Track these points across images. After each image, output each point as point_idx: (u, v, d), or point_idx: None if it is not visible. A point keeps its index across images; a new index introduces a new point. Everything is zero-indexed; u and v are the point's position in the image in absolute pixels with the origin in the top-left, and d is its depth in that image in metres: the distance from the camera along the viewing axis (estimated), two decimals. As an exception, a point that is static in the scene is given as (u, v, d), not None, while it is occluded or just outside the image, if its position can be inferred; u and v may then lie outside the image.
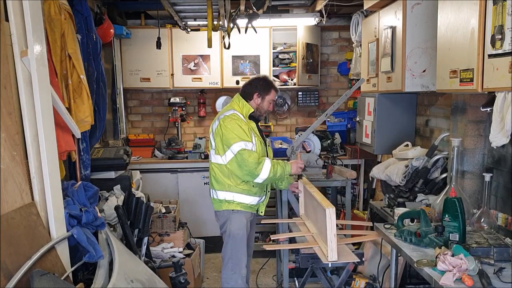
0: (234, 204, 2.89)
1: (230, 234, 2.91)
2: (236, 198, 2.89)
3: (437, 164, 2.84)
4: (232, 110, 2.89)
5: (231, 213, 2.91)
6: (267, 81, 3.02)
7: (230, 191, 2.88)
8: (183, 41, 4.72)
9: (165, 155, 4.81)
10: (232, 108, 2.93)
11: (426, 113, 3.42)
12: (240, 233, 2.90)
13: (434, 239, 2.03)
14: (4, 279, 1.69)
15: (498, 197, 2.34)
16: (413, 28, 2.92)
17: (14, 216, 1.83)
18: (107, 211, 3.02)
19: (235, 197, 2.88)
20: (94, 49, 3.05)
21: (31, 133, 2.00)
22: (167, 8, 3.42)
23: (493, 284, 1.64)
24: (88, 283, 2.10)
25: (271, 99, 2.99)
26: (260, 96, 2.96)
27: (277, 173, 2.80)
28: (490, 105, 2.02)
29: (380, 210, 3.14)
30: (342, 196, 4.53)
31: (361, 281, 3.28)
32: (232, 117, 2.83)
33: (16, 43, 1.95)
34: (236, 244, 2.90)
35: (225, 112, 2.91)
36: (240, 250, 2.91)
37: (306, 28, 4.80)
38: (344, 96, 3.56)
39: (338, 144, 4.80)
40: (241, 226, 2.90)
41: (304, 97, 5.20)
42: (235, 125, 2.78)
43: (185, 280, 2.96)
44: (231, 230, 2.90)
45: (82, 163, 2.94)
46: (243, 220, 2.91)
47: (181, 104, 4.92)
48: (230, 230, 2.91)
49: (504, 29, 1.74)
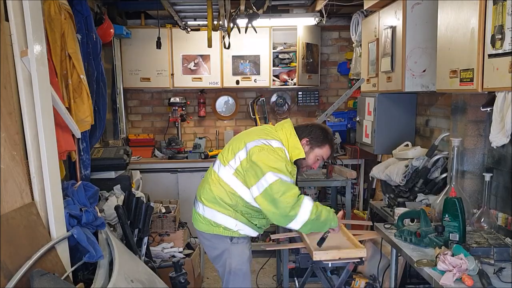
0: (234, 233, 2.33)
1: (230, 271, 2.36)
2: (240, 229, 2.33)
3: (437, 164, 2.84)
4: (280, 143, 2.28)
5: (230, 244, 2.35)
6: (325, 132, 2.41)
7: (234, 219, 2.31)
8: (183, 41, 4.72)
9: (165, 155, 4.81)
10: (279, 138, 2.31)
11: (426, 113, 3.42)
12: (243, 268, 2.36)
13: (434, 239, 2.03)
14: (4, 279, 1.69)
15: (498, 197, 2.34)
16: (413, 28, 2.92)
17: (14, 216, 1.83)
18: (107, 211, 3.02)
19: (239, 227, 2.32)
20: (94, 49, 3.04)
21: (31, 133, 2.00)
22: (167, 8, 3.42)
23: (493, 284, 1.64)
24: (88, 283, 2.10)
25: (320, 155, 2.39)
26: (309, 145, 2.37)
27: (321, 217, 2.19)
28: (490, 105, 2.02)
29: (380, 210, 3.14)
30: (342, 196, 4.53)
31: (361, 281, 3.28)
32: (279, 152, 2.23)
33: (16, 43, 1.95)
34: (239, 282, 2.38)
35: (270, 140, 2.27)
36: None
37: (306, 28, 4.80)
38: (344, 96, 3.57)
39: (338, 144, 4.80)
40: (243, 260, 2.36)
41: (304, 97, 5.19)
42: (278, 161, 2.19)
43: (185, 280, 2.95)
44: (232, 266, 2.35)
45: (82, 163, 2.94)
46: (245, 252, 2.38)
47: (181, 104, 4.93)
48: (230, 266, 2.36)
49: (504, 29, 1.74)
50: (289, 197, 2.11)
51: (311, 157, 2.38)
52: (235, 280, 2.37)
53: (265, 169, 2.15)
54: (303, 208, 2.14)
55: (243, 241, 2.38)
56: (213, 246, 2.40)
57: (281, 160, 2.20)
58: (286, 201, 2.11)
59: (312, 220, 2.16)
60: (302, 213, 2.13)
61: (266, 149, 2.21)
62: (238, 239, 2.36)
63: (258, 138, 2.29)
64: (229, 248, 2.36)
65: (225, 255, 2.37)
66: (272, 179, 2.13)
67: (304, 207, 2.14)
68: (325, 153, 2.41)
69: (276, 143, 2.27)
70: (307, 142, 2.37)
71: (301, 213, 2.13)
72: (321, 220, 2.19)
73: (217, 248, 2.39)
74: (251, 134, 2.39)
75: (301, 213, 2.13)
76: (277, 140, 2.29)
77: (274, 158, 2.19)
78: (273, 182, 2.13)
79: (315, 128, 2.40)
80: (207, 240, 2.42)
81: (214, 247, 2.40)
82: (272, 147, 2.24)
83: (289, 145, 2.31)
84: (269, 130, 2.40)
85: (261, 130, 2.42)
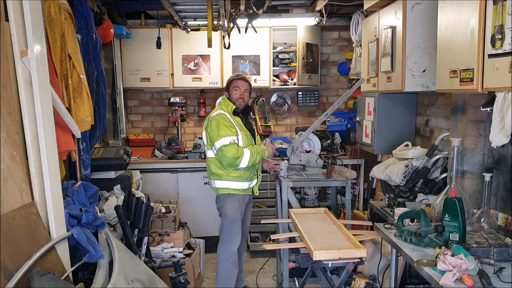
0: (229, 189, 3.31)
1: (224, 215, 3.33)
2: (230, 185, 3.31)
3: (437, 164, 2.84)
4: (219, 110, 3.32)
5: (226, 197, 3.33)
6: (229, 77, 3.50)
7: (223, 180, 3.31)
8: (183, 41, 4.72)
9: (165, 155, 4.81)
10: (220, 108, 3.36)
11: (426, 113, 3.42)
12: (233, 214, 3.30)
13: (434, 239, 2.03)
14: (4, 279, 1.69)
15: (498, 197, 2.34)
16: (413, 28, 2.92)
17: (14, 216, 1.83)
18: (107, 211, 3.02)
19: (229, 184, 3.31)
20: (94, 49, 3.05)
21: (31, 133, 2.00)
22: (167, 8, 3.42)
23: (493, 284, 1.64)
24: (88, 283, 2.10)
25: (232, 86, 3.38)
26: (227, 90, 3.42)
27: (256, 160, 3.25)
28: (490, 105, 2.02)
29: (380, 210, 3.14)
30: (342, 196, 4.53)
31: (361, 281, 3.28)
32: (217, 117, 3.25)
33: (16, 43, 1.95)
34: (229, 224, 3.32)
35: (213, 113, 3.33)
36: (233, 229, 3.32)
37: (306, 28, 4.80)
38: (344, 96, 3.56)
39: (338, 144, 4.80)
40: (234, 208, 3.31)
41: (304, 97, 5.20)
42: (219, 124, 3.19)
43: (185, 280, 2.96)
44: (226, 211, 3.32)
45: (82, 163, 2.94)
46: (236, 204, 3.32)
47: (181, 104, 4.93)
48: (225, 212, 3.33)
49: (504, 29, 1.74)
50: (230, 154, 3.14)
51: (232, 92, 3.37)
52: (226, 222, 3.33)
53: (214, 138, 3.20)
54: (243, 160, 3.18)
55: (236, 197, 3.34)
56: (219, 202, 3.41)
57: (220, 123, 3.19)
58: (230, 157, 3.15)
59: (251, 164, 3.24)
60: (243, 162, 3.19)
61: (210, 122, 3.24)
62: (232, 195, 3.33)
63: (208, 118, 3.33)
64: (225, 200, 3.34)
65: (223, 205, 3.36)
66: (219, 144, 3.16)
67: (244, 159, 3.18)
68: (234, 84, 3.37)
69: (215, 112, 3.30)
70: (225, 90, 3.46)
71: (243, 162, 3.19)
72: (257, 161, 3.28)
73: (220, 203, 3.40)
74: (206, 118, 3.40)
75: (243, 162, 3.19)
76: (217, 110, 3.33)
77: (215, 125, 3.19)
78: (221, 147, 3.16)
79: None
80: (217, 198, 3.43)
81: (219, 203, 3.40)
82: (212, 116, 3.27)
83: (226, 106, 3.33)
84: (215, 109, 3.41)
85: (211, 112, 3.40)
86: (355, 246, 2.39)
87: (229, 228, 3.33)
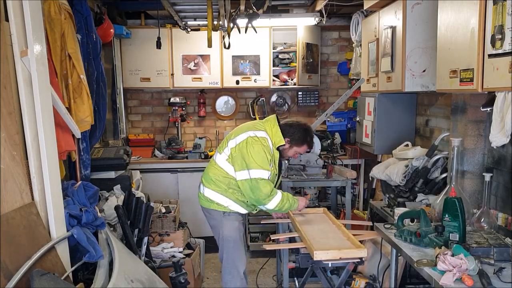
0: (226, 208, 2.90)
1: (223, 238, 2.93)
2: (229, 204, 2.89)
3: (437, 164, 2.84)
4: (265, 135, 2.82)
5: (222, 216, 2.90)
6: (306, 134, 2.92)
7: (224, 196, 2.87)
8: (183, 41, 4.72)
9: (165, 155, 4.81)
10: (265, 129, 2.85)
11: (426, 113, 3.42)
12: (232, 236, 2.91)
13: (434, 239, 2.03)
14: (4, 279, 1.69)
15: (498, 197, 2.34)
16: (413, 28, 2.92)
17: (14, 216, 1.83)
18: (107, 211, 3.02)
19: (228, 203, 2.88)
20: (94, 49, 3.04)
21: (31, 133, 2.00)
22: (167, 8, 3.42)
23: (493, 284, 1.64)
24: (88, 283, 2.10)
25: (298, 151, 2.97)
26: (289, 143, 2.90)
27: (283, 208, 2.82)
28: (490, 105, 2.02)
29: (380, 210, 3.14)
30: (342, 196, 4.53)
31: (361, 281, 3.28)
32: (263, 142, 2.77)
33: (16, 43, 1.95)
34: (230, 247, 2.92)
35: (257, 131, 2.83)
36: (236, 252, 2.93)
37: (306, 28, 4.80)
38: (344, 96, 3.57)
39: (338, 144, 4.80)
40: (233, 228, 2.92)
41: (304, 97, 5.19)
42: (262, 152, 2.74)
43: (185, 280, 2.95)
44: (224, 234, 2.91)
45: (82, 163, 2.94)
46: (234, 223, 2.93)
47: (181, 104, 4.93)
48: (223, 234, 2.92)
49: (504, 29, 1.74)
50: (265, 191, 2.72)
51: (290, 151, 2.95)
52: (227, 246, 2.92)
53: (251, 164, 2.73)
54: (273, 201, 2.77)
55: (233, 215, 2.92)
56: (211, 217, 2.98)
57: (263, 150, 2.74)
58: (263, 193, 2.73)
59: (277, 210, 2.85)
60: (271, 204, 2.78)
61: (251, 142, 2.76)
62: (229, 213, 2.91)
63: (247, 131, 2.84)
64: (221, 220, 2.91)
65: (219, 225, 2.93)
66: (257, 175, 2.72)
67: (273, 201, 2.77)
68: (302, 150, 2.98)
69: (261, 133, 2.82)
70: (287, 141, 2.89)
71: (271, 204, 2.77)
72: (284, 208, 2.84)
73: (213, 219, 2.97)
74: (243, 128, 2.94)
75: (271, 204, 2.77)
76: (263, 131, 2.84)
77: (257, 151, 2.73)
78: (257, 178, 2.72)
79: (297, 130, 2.91)
80: (207, 213, 2.99)
81: (212, 218, 2.98)
82: (257, 137, 2.78)
83: (272, 134, 2.85)
84: (257, 123, 2.95)
85: (252, 124, 2.95)
86: (355, 246, 2.39)
87: (232, 252, 2.93)
